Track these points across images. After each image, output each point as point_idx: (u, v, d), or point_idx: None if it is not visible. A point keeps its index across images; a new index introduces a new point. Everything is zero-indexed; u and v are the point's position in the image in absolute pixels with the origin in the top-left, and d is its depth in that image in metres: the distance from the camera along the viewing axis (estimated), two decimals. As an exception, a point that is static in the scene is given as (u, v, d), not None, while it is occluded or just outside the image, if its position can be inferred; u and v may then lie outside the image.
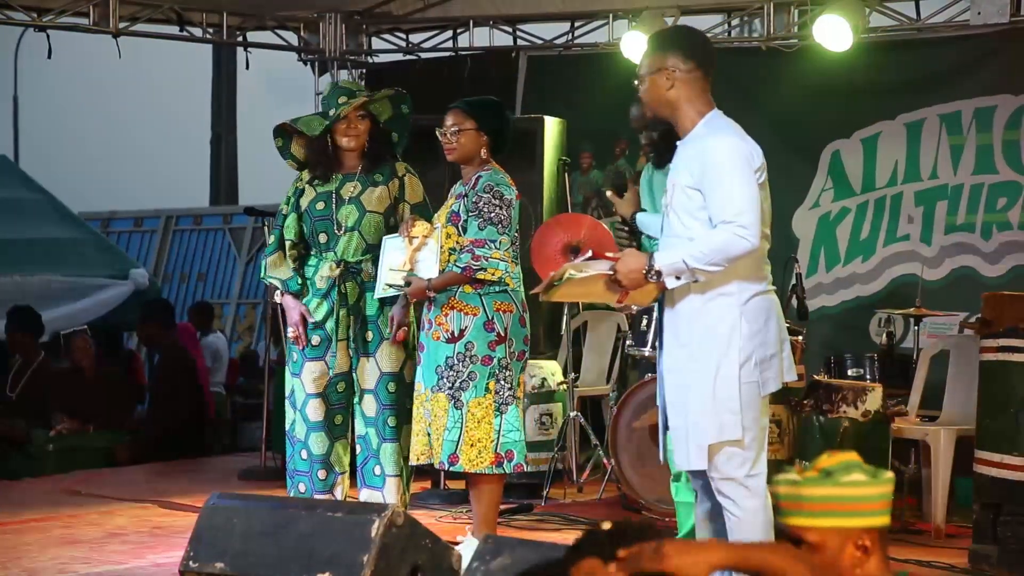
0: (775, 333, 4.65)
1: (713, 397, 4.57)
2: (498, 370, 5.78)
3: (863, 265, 9.07)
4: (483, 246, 5.74)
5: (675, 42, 4.77)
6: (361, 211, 6.14)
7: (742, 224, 4.47)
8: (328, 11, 10.59)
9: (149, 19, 10.02)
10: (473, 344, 5.77)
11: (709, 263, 4.49)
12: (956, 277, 8.71)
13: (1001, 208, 8.63)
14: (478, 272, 5.73)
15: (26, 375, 10.21)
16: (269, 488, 8.08)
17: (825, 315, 9.07)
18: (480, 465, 5.77)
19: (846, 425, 6.61)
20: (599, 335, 9.09)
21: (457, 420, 5.77)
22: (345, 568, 4.37)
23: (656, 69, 4.71)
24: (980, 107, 8.74)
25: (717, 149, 4.57)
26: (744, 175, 4.54)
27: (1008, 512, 6.14)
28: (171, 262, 17.32)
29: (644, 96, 4.79)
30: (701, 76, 4.70)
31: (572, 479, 8.13)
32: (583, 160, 9.74)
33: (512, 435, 5.81)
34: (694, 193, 4.59)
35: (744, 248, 4.49)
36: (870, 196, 9.09)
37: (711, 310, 4.58)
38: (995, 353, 6.27)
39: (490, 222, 5.77)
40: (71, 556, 6.47)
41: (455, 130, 5.89)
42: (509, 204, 5.82)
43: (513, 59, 10.39)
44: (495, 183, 5.82)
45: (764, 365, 4.61)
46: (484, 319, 5.77)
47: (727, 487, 4.59)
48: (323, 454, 6.19)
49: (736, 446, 4.56)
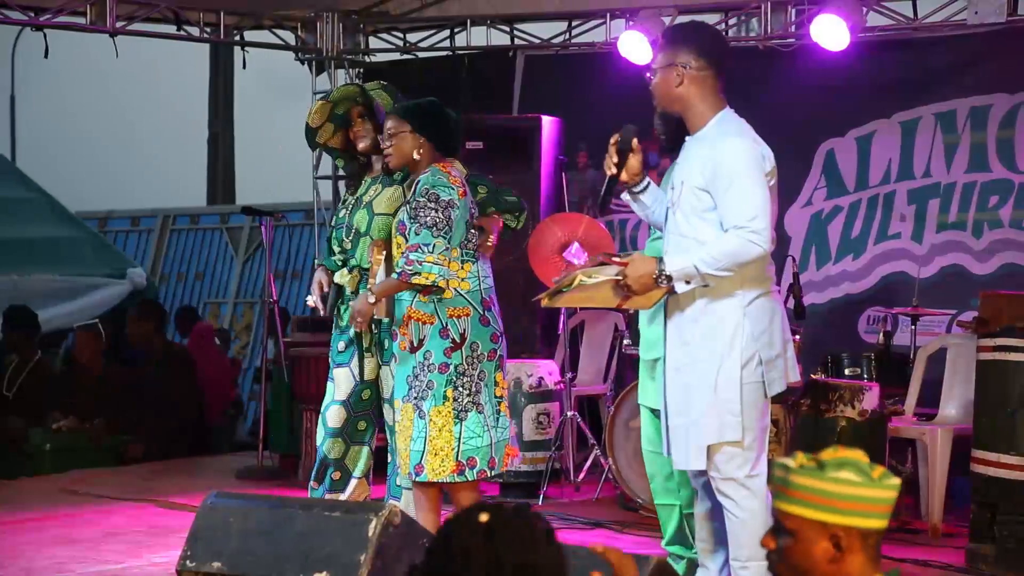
0: (779, 334, 4.64)
1: (714, 397, 4.56)
2: (455, 377, 5.69)
3: (853, 263, 9.07)
4: (416, 250, 5.66)
5: (688, 39, 4.76)
6: (370, 215, 6.10)
7: (754, 229, 4.46)
8: (325, 10, 10.59)
9: (146, 18, 10.01)
10: (431, 353, 5.71)
11: (720, 268, 4.48)
12: (946, 275, 8.71)
13: (993, 206, 8.64)
14: (412, 277, 5.65)
15: (23, 374, 10.20)
16: (266, 488, 8.09)
17: (814, 312, 9.06)
18: (442, 474, 5.70)
19: (843, 424, 6.61)
20: (596, 335, 9.09)
21: (421, 430, 5.71)
22: (342, 567, 4.37)
23: (667, 64, 4.71)
24: (975, 106, 8.75)
25: (730, 152, 4.55)
26: (756, 180, 4.53)
27: (1005, 511, 6.14)
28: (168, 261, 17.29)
29: (654, 89, 4.79)
30: (712, 75, 4.69)
31: (569, 478, 8.14)
32: (579, 159, 9.73)
33: (473, 441, 5.71)
34: (703, 194, 4.57)
35: (756, 254, 4.48)
36: (863, 195, 9.09)
37: (715, 311, 4.58)
38: (992, 352, 6.27)
39: (424, 226, 5.66)
40: (68, 555, 6.47)
41: (391, 133, 5.82)
42: (447, 205, 5.68)
43: (510, 58, 10.39)
44: (431, 185, 5.71)
45: (769, 366, 4.59)
46: (440, 327, 5.71)
47: (728, 487, 4.59)
48: (338, 458, 6.15)
49: (736, 447, 4.56)
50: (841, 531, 2.84)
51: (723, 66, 4.73)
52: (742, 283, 4.57)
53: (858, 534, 2.85)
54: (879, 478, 2.88)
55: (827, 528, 2.85)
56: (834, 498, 2.84)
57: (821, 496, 2.84)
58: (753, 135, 4.67)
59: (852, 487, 2.84)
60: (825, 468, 2.86)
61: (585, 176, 9.24)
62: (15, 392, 10.13)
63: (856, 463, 2.88)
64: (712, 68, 4.69)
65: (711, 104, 4.69)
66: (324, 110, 6.23)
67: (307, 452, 8.68)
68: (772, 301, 4.66)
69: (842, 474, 2.85)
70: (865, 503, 2.85)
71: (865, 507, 2.85)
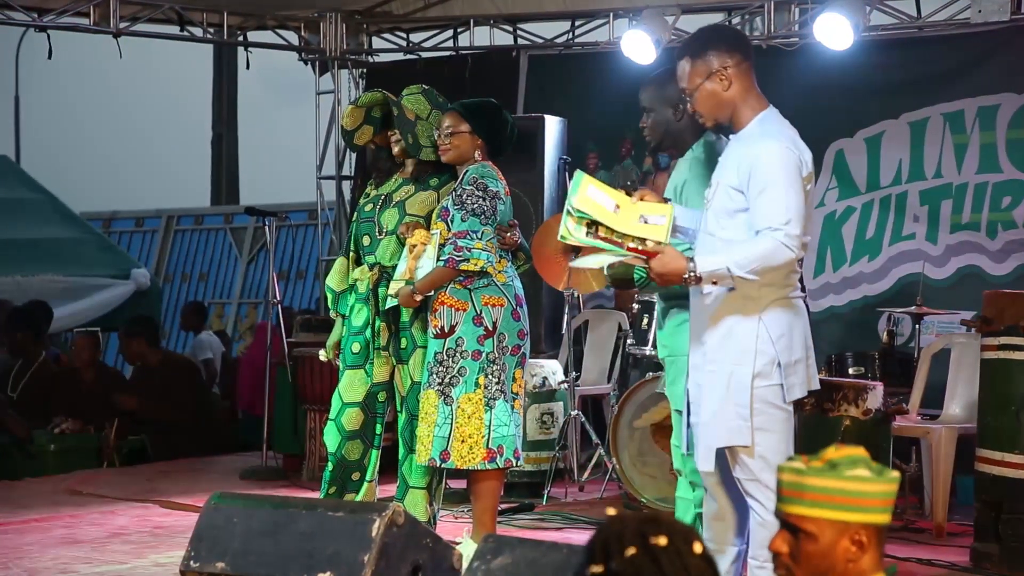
0: (800, 339, 4.59)
1: (724, 401, 4.54)
2: (487, 364, 5.76)
3: (870, 264, 9.05)
4: (465, 237, 5.74)
5: (714, 42, 4.70)
6: (401, 215, 6.09)
7: (788, 233, 4.40)
8: (328, 10, 10.60)
9: (150, 19, 10.02)
10: (463, 339, 5.76)
11: (751, 271, 4.41)
12: (962, 276, 8.69)
13: (1006, 207, 8.62)
14: (461, 263, 5.72)
15: (27, 375, 10.20)
16: (270, 488, 8.10)
17: (834, 315, 9.06)
18: (472, 461, 5.75)
19: (847, 423, 6.60)
20: (600, 334, 9.08)
21: (447, 416, 5.75)
22: (346, 567, 4.37)
23: (707, 76, 4.63)
24: (983, 105, 8.73)
25: (767, 154, 4.49)
26: (794, 183, 4.46)
27: (1009, 510, 6.14)
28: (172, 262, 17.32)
29: (701, 107, 4.65)
30: (748, 65, 4.65)
31: (573, 478, 8.13)
32: (589, 161, 9.73)
33: (501, 430, 5.77)
34: (736, 194, 4.53)
35: (788, 258, 4.43)
36: (875, 195, 9.08)
37: (732, 313, 4.54)
38: (996, 351, 6.27)
39: (472, 213, 5.76)
40: (72, 556, 6.47)
41: (449, 132, 5.91)
42: (495, 196, 5.81)
43: (514, 58, 10.40)
44: (480, 175, 5.82)
45: (789, 370, 4.54)
46: (473, 313, 5.77)
47: (754, 488, 4.57)
48: (357, 459, 6.13)
49: (746, 452, 4.54)
50: (862, 529, 2.85)
51: (751, 52, 4.69)
52: (760, 286, 4.52)
53: (875, 530, 2.87)
54: (884, 472, 2.90)
55: (848, 527, 2.85)
56: (854, 496, 2.85)
57: (841, 496, 2.85)
58: (793, 137, 4.60)
59: (868, 484, 2.85)
60: (838, 468, 2.86)
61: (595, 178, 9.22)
62: (19, 393, 10.13)
63: (865, 460, 2.89)
64: (748, 60, 4.66)
65: (754, 102, 4.64)
66: (357, 114, 6.24)
67: (311, 452, 8.68)
68: (793, 305, 4.59)
69: (858, 472, 2.86)
70: (879, 498, 2.87)
71: (880, 503, 2.87)
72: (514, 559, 4.12)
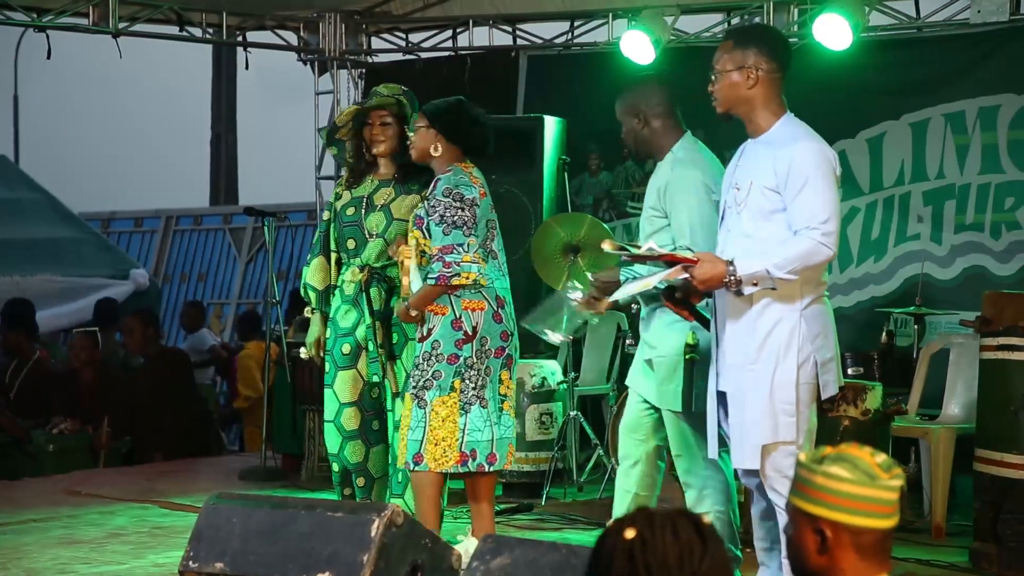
0: (833, 337, 4.69)
1: (770, 398, 4.59)
2: (464, 369, 5.74)
3: (875, 265, 9.04)
4: (451, 252, 5.72)
5: (760, 40, 4.81)
6: (389, 218, 6.14)
7: (826, 232, 4.52)
8: (327, 11, 10.59)
9: (149, 19, 10.01)
10: (439, 343, 5.75)
11: (790, 272, 4.52)
12: (967, 276, 8.68)
13: (1009, 208, 8.61)
14: (453, 279, 5.70)
15: (22, 374, 10.20)
16: (269, 488, 8.09)
17: (842, 316, 9.02)
18: (446, 464, 5.73)
19: (846, 424, 6.60)
20: (599, 334, 9.08)
21: (420, 419, 5.73)
22: (345, 568, 4.37)
23: (738, 66, 4.72)
24: (984, 106, 8.72)
25: (805, 154, 4.61)
26: (829, 182, 4.61)
27: (1008, 510, 6.14)
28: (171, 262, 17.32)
29: (720, 91, 4.78)
30: (780, 78, 4.76)
31: (572, 478, 8.12)
32: (591, 162, 9.71)
33: (475, 434, 5.74)
34: (773, 195, 4.61)
35: (826, 256, 4.54)
36: (878, 195, 9.07)
37: (773, 313, 4.61)
38: (995, 351, 6.27)
39: (454, 226, 5.73)
40: (71, 556, 6.47)
41: (415, 129, 5.95)
42: (471, 204, 5.78)
43: (513, 59, 10.39)
44: (453, 185, 5.79)
45: (824, 368, 4.63)
46: (452, 317, 5.75)
47: (780, 485, 4.60)
48: (360, 462, 6.16)
49: (791, 447, 4.58)
50: (826, 525, 2.83)
51: (787, 69, 4.78)
52: (801, 286, 4.60)
53: (846, 530, 2.84)
54: (879, 478, 2.86)
55: (810, 520, 2.85)
56: (822, 491, 2.84)
57: (811, 488, 2.85)
58: (821, 139, 4.73)
59: (840, 483, 2.83)
60: (822, 462, 2.87)
61: (597, 178, 9.24)
62: (15, 392, 10.13)
63: (853, 459, 2.86)
64: (781, 72, 4.75)
65: (776, 107, 4.75)
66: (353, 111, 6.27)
67: (310, 452, 8.68)
68: (826, 305, 4.69)
69: (833, 469, 2.85)
70: (854, 500, 2.83)
71: (854, 504, 2.83)
72: (513, 559, 4.12)
